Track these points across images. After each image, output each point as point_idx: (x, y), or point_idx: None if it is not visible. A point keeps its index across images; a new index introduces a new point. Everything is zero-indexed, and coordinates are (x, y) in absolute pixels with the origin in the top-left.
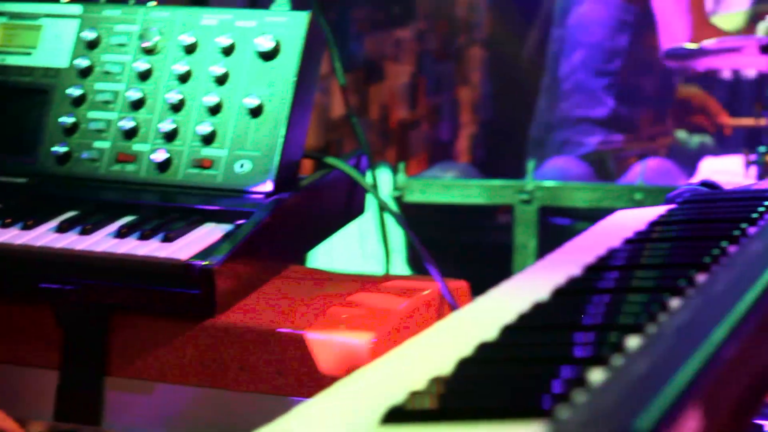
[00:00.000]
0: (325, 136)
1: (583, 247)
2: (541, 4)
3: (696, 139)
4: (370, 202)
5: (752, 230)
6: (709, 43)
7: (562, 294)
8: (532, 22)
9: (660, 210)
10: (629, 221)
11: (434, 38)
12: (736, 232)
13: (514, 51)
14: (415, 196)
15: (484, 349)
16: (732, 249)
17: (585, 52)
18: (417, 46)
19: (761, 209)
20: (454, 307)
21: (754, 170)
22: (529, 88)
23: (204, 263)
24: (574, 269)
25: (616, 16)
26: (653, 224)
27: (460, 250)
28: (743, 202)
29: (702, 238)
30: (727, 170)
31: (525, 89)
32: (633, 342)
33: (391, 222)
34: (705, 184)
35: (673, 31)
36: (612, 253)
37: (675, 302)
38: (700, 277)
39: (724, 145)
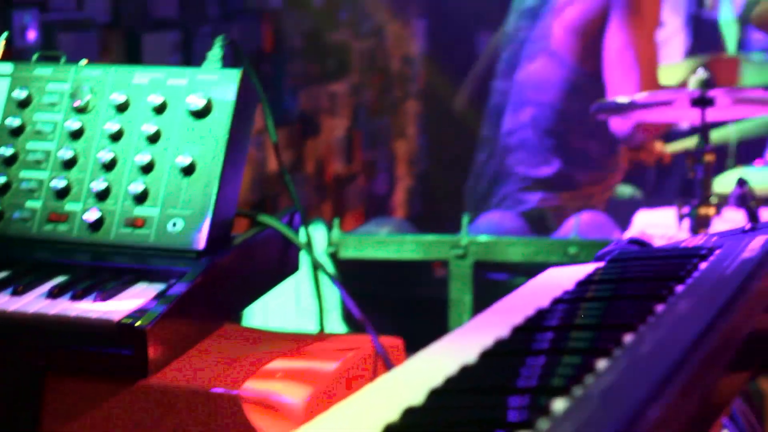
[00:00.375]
0: (261, 191)
1: (513, 307)
2: (476, 56)
3: (629, 190)
4: (304, 259)
5: (680, 288)
6: (640, 96)
7: (489, 356)
8: (467, 75)
9: (589, 268)
10: (559, 280)
11: (369, 92)
12: (664, 291)
13: (450, 104)
14: (349, 252)
15: (409, 414)
16: (660, 308)
17: (534, 111)
18: (352, 100)
19: (689, 267)
20: (388, 365)
21: (686, 223)
22: (465, 140)
23: (136, 323)
24: (503, 330)
25: (569, 77)
26: (582, 283)
27: (397, 304)
28: (671, 260)
29: (630, 297)
30: (661, 223)
31: (461, 142)
32: (559, 405)
33: (325, 279)
34: (634, 241)
35: (620, 88)
36: (540, 314)
37: (602, 364)
38: (628, 338)
39: (658, 197)
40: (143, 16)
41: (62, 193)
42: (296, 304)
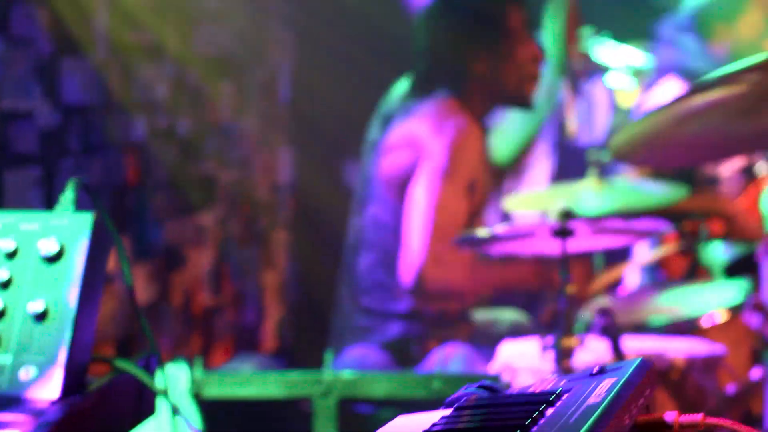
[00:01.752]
0: (127, 327)
1: None
2: (343, 184)
3: (510, 315)
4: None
5: None
6: (501, 228)
7: None
8: (334, 203)
9: (437, 416)
10: (406, 429)
11: (237, 223)
12: None
13: (318, 233)
14: (213, 391)
15: None
16: None
17: (379, 253)
18: (219, 231)
19: (535, 415)
20: None
21: (550, 355)
22: (334, 270)
23: None
24: None
25: (398, 222)
26: None
27: None
28: (518, 407)
29: None
30: (525, 354)
31: (331, 271)
32: None
33: (185, 423)
34: (483, 386)
35: (409, 238)
36: None
37: None
38: None
39: (522, 329)
40: (2, 152)
41: None
42: None
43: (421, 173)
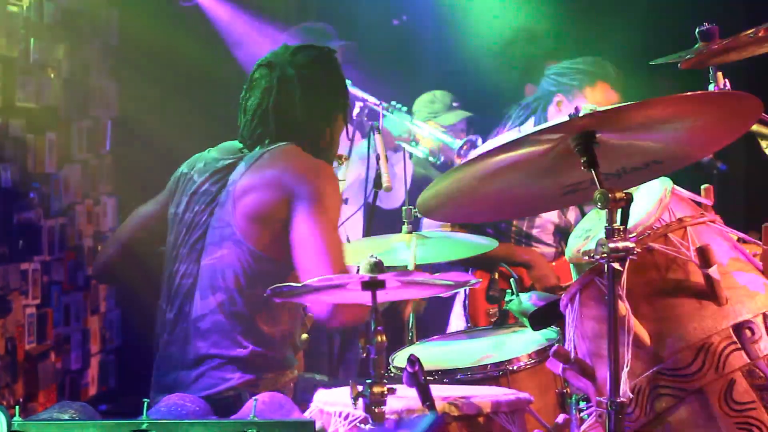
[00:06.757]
0: None
1: None
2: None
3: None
4: None
5: None
6: (312, 280)
7: None
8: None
9: None
10: None
11: (62, 269)
12: None
13: (140, 280)
14: None
15: None
16: None
17: (223, 296)
18: (44, 278)
19: None
20: None
21: (361, 402)
22: (155, 315)
23: None
24: None
25: (253, 264)
26: None
27: None
28: None
29: None
30: (338, 402)
31: (152, 317)
32: None
33: None
34: None
35: (312, 272)
36: None
37: None
38: None
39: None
40: None
41: None
42: None
43: (302, 210)
